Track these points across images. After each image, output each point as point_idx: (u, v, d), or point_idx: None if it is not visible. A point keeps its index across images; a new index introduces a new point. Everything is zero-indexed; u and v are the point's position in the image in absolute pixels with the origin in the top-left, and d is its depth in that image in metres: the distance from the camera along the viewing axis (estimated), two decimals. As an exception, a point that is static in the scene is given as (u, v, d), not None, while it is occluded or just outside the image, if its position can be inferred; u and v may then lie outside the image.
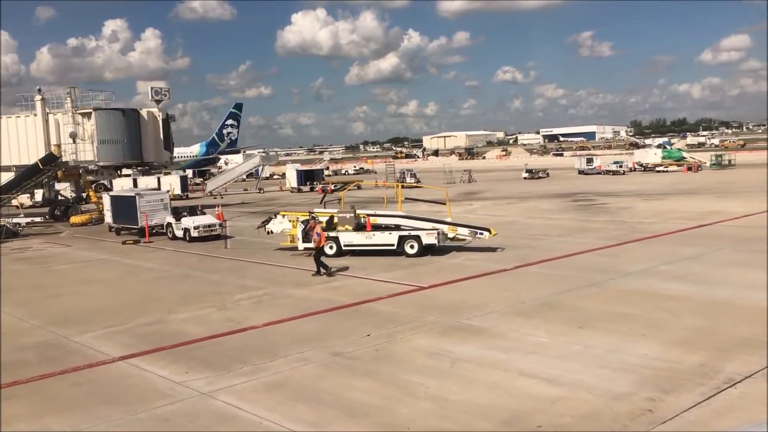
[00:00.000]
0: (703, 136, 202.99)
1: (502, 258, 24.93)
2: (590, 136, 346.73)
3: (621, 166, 74.16)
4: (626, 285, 19.50)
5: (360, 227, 27.12)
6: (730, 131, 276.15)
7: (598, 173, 74.46)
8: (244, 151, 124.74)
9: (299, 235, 27.21)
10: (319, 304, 19.01)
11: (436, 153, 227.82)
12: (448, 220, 27.32)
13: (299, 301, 19.61)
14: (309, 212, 28.29)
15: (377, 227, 27.01)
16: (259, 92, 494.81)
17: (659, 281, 19.73)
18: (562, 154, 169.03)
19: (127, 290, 22.66)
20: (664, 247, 25.68)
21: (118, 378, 13.57)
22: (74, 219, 45.10)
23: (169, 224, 35.06)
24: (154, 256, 29.99)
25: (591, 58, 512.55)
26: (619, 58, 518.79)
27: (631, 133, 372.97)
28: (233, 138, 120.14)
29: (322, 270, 23.21)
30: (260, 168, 73.01)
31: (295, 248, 27.68)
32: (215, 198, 64.87)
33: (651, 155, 78.58)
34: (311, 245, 26.81)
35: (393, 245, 26.20)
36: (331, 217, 27.54)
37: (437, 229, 26.05)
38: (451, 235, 26.43)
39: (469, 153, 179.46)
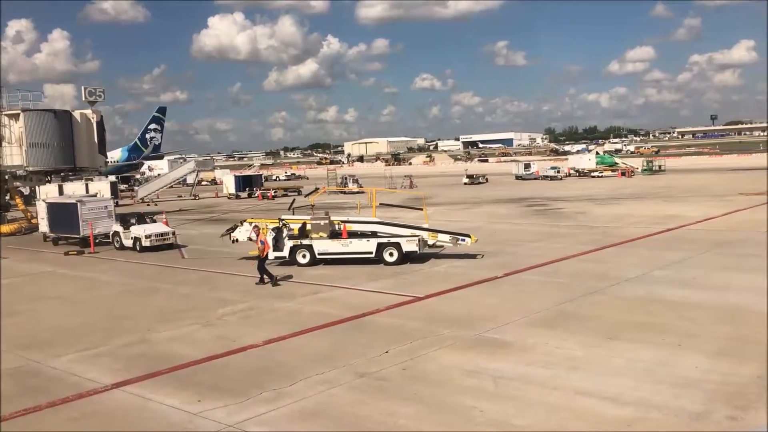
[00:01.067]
0: (620, 142, 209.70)
1: (487, 265, 24.09)
2: (508, 142, 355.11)
3: (558, 172, 75.16)
4: (630, 292, 18.91)
5: (335, 234, 25.78)
6: (638, 138, 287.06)
7: (536, 178, 75.25)
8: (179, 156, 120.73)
9: (270, 243, 25.65)
10: (315, 317, 17.63)
11: (361, 159, 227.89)
12: (426, 226, 26.33)
13: (291, 315, 18.19)
14: (279, 219, 26.74)
15: (353, 234, 25.73)
16: (175, 97, 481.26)
17: (661, 288, 19.25)
18: (487, 160, 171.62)
19: (90, 306, 20.63)
20: (644, 251, 25.43)
21: (121, 410, 11.88)
22: (2, 228, 41.74)
23: (116, 233, 32.70)
24: (106, 268, 27.74)
25: (506, 67, 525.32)
26: (533, 67, 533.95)
27: (546, 140, 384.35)
28: (157, 143, 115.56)
29: (266, 278, 22.15)
30: (195, 174, 70.22)
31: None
32: (148, 205, 61.86)
33: (585, 161, 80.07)
34: (283, 254, 25.47)
35: (371, 253, 24.99)
36: (304, 224, 26.10)
37: (417, 236, 25.01)
38: (431, 242, 25.47)
39: (396, 159, 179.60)
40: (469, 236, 25.33)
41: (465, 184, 70.26)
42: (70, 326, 18.05)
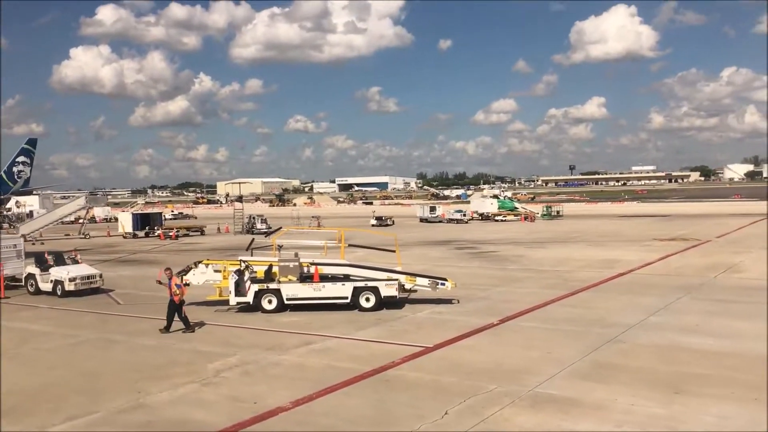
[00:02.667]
0: (497, 188, 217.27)
1: (470, 311, 22.86)
2: (383, 185, 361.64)
3: (464, 215, 75.69)
4: (647, 340, 18.21)
5: (305, 278, 23.74)
6: (505, 185, 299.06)
7: (440, 221, 75.44)
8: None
9: (231, 288, 23.28)
10: (329, 373, 15.69)
11: (240, 199, 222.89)
12: (399, 269, 24.81)
13: (298, 370, 16.11)
14: (240, 260, 24.33)
15: (324, 278, 23.78)
16: (30, 129, 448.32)
17: (674, 335, 18.70)
18: (371, 203, 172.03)
19: (41, 363, 17.50)
20: (618, 296, 25.08)
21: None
22: None
23: (31, 275, 28.83)
24: (31, 316, 24.17)
25: (379, 112, 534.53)
26: (404, 113, 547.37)
27: (420, 184, 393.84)
28: (26, 177, 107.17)
29: (168, 325, 20.62)
30: (86, 210, 64.80)
31: (225, 302, 23.71)
32: (33, 244, 56.19)
33: (488, 205, 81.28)
34: (246, 299, 23.19)
35: (346, 298, 23.15)
36: (270, 266, 23.87)
37: (395, 280, 23.45)
38: (408, 286, 23.95)
39: (281, 199, 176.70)
40: (446, 280, 24.05)
41: (372, 225, 69.20)
42: (35, 388, 15.10)
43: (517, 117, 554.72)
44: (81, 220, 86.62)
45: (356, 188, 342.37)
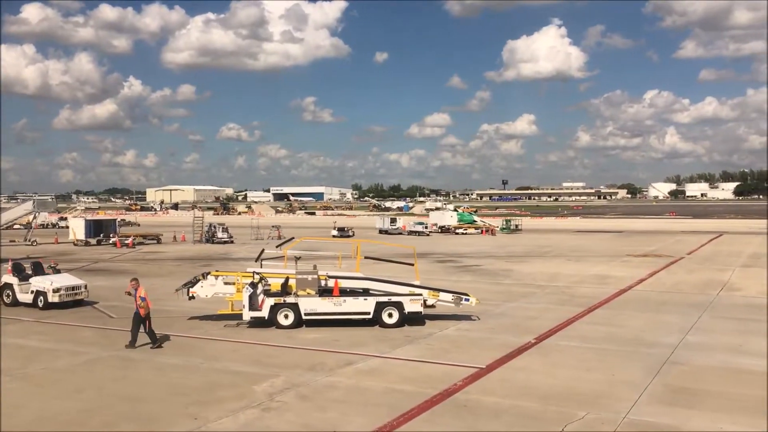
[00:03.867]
0: (440, 201, 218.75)
1: (497, 328, 22.03)
2: (319, 196, 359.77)
3: (426, 227, 75.00)
4: (703, 361, 17.69)
5: (323, 291, 22.43)
6: (441, 198, 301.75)
7: (401, 233, 74.63)
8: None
9: (245, 302, 21.77)
10: (392, 396, 14.62)
11: (175, 207, 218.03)
12: (417, 282, 23.75)
13: (358, 394, 14.91)
14: (253, 272, 22.79)
15: (342, 292, 22.51)
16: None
17: (724, 356, 18.29)
18: (314, 213, 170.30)
19: (65, 386, 15.74)
20: (638, 314, 24.56)
21: None
22: None
23: (8, 285, 26.49)
24: (20, 331, 22.08)
25: (313, 122, 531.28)
26: (339, 124, 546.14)
27: (356, 195, 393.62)
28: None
29: (134, 340, 19.38)
30: (34, 216, 61.02)
31: (235, 317, 22.27)
32: None
33: (448, 218, 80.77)
34: (260, 314, 21.77)
35: (368, 314, 21.96)
36: (287, 279, 22.45)
37: (419, 295, 22.40)
38: (431, 302, 22.92)
39: (224, 207, 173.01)
40: (469, 296, 23.15)
41: (334, 236, 67.76)
42: (73, 414, 13.42)
43: (451, 131, 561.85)
44: (28, 226, 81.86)
45: (292, 198, 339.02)
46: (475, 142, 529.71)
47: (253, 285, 21.99)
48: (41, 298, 25.59)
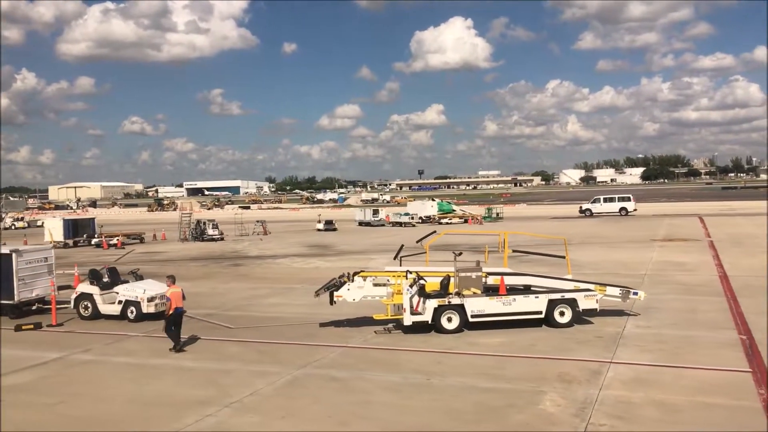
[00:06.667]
0: (377, 191, 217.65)
1: (680, 323, 20.51)
2: (235, 190, 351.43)
3: (413, 218, 72.97)
4: None
5: (488, 290, 20.25)
6: (358, 189, 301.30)
7: (383, 225, 72.47)
8: None
9: (406, 305, 19.31)
10: (710, 411, 12.81)
11: (94, 204, 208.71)
12: (569, 276, 21.95)
13: (674, 412, 12.91)
14: (407, 271, 20.29)
15: (510, 290, 20.39)
16: None
17: None
18: (249, 207, 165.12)
19: (316, 411, 13.00)
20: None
21: None
22: None
23: (86, 295, 22.87)
24: (126, 349, 18.86)
25: (221, 115, 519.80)
26: (248, 117, 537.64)
27: (273, 189, 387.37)
28: None
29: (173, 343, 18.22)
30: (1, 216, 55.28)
31: (394, 322, 19.89)
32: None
33: (429, 208, 79.02)
34: (423, 318, 19.43)
35: (540, 313, 19.94)
36: (447, 278, 20.12)
37: (592, 291, 20.56)
38: (598, 297, 21.05)
39: (159, 204, 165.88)
40: (635, 289, 21.49)
41: (319, 230, 65.01)
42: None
43: (361, 122, 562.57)
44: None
45: (206, 192, 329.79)
46: (385, 133, 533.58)
47: (420, 286, 19.64)
48: (132, 308, 22.19)
